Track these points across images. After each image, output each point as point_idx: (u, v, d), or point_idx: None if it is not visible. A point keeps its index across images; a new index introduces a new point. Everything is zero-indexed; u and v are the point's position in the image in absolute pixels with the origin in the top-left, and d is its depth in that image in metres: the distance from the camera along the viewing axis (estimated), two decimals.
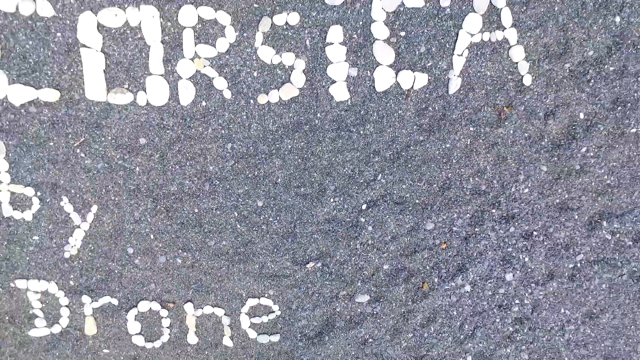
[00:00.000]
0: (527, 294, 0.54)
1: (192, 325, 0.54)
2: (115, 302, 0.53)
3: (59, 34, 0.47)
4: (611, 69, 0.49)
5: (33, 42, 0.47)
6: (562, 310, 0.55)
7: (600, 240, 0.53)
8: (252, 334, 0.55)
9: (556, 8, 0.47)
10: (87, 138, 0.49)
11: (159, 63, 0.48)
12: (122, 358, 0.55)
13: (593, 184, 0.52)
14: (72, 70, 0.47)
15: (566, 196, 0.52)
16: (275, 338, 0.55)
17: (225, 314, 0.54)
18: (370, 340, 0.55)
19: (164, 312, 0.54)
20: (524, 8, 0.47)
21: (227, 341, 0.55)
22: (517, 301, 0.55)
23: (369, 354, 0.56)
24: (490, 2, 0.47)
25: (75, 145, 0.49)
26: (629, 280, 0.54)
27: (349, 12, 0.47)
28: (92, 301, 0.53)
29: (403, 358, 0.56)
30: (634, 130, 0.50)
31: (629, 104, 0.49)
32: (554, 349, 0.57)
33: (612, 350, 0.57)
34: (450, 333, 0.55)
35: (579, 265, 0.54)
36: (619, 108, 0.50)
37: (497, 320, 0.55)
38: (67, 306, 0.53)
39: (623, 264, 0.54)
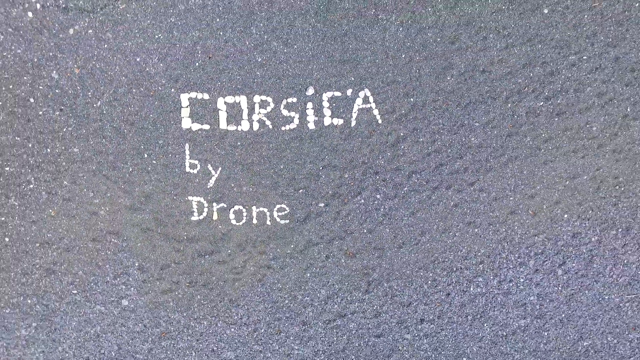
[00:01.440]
0: (386, 204, 1.37)
1: (254, 214, 1.36)
2: (225, 205, 1.35)
3: (210, 105, 1.29)
4: (411, 117, 1.31)
5: (196, 110, 1.29)
6: (401, 211, 1.38)
7: (411, 185, 1.36)
8: (279, 220, 1.37)
9: (389, 95, 1.30)
10: (217, 143, 1.31)
11: (246, 115, 1.30)
12: (225, 231, 1.37)
13: (408, 160, 1.34)
14: (214, 118, 1.30)
15: (397, 165, 1.34)
16: (287, 221, 1.37)
17: (269, 210, 1.36)
18: (324, 222, 1.38)
19: (248, 211, 1.36)
20: (380, 97, 1.30)
21: (269, 222, 1.37)
22: (382, 207, 1.37)
23: (325, 229, 1.38)
24: (365, 94, 1.30)
25: (214, 145, 1.31)
26: (421, 203, 1.37)
27: (314, 97, 1.30)
28: (217, 205, 1.35)
29: (339, 231, 1.38)
30: (421, 139, 1.33)
31: (421, 132, 1.32)
32: (398, 226, 1.39)
33: (424, 227, 1.39)
34: (357, 219, 1.37)
35: (404, 192, 1.36)
36: (416, 132, 1.32)
37: (374, 214, 1.37)
38: (206, 207, 1.35)
39: (425, 189, 1.36)
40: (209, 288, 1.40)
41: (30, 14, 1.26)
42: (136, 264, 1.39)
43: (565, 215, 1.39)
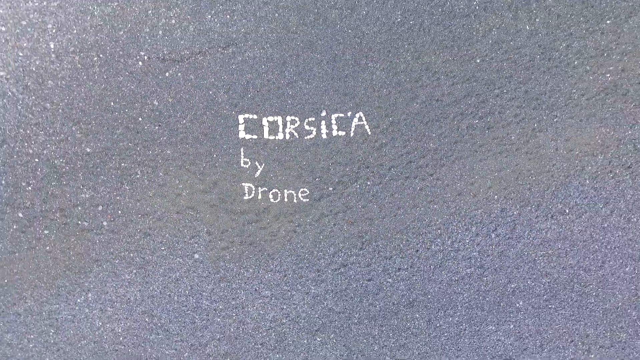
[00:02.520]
0: (373, 188, 2.03)
1: (285, 195, 2.02)
2: (266, 189, 2.01)
3: (257, 122, 1.96)
4: (390, 130, 1.98)
5: (248, 126, 1.96)
6: (384, 193, 2.04)
7: (391, 176, 2.02)
8: (302, 199, 2.03)
9: (376, 116, 1.97)
10: (262, 147, 1.98)
11: (281, 129, 1.97)
12: (266, 206, 2.03)
13: (388, 159, 2.00)
14: (260, 131, 1.96)
15: (381, 162, 2.00)
16: (307, 200, 2.03)
17: (295, 192, 2.02)
18: (332, 201, 2.04)
19: (282, 192, 2.02)
20: (369, 117, 1.97)
21: (295, 200, 2.03)
22: (371, 190, 2.03)
23: (333, 205, 2.04)
24: (360, 115, 1.96)
25: (259, 149, 1.98)
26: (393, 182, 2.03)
27: (326, 117, 1.96)
28: (261, 189, 2.01)
29: (342, 206, 2.04)
30: (397, 145, 1.99)
31: (397, 140, 1.99)
32: (382, 203, 2.05)
33: (399, 204, 2.05)
34: (354, 199, 2.03)
35: (386, 181, 2.03)
36: (393, 140, 1.99)
37: (366, 195, 2.03)
38: (253, 190, 2.01)
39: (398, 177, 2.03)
40: (254, 246, 2.06)
41: (140, 63, 1.94)
42: (205, 229, 2.05)
43: (496, 196, 2.05)
